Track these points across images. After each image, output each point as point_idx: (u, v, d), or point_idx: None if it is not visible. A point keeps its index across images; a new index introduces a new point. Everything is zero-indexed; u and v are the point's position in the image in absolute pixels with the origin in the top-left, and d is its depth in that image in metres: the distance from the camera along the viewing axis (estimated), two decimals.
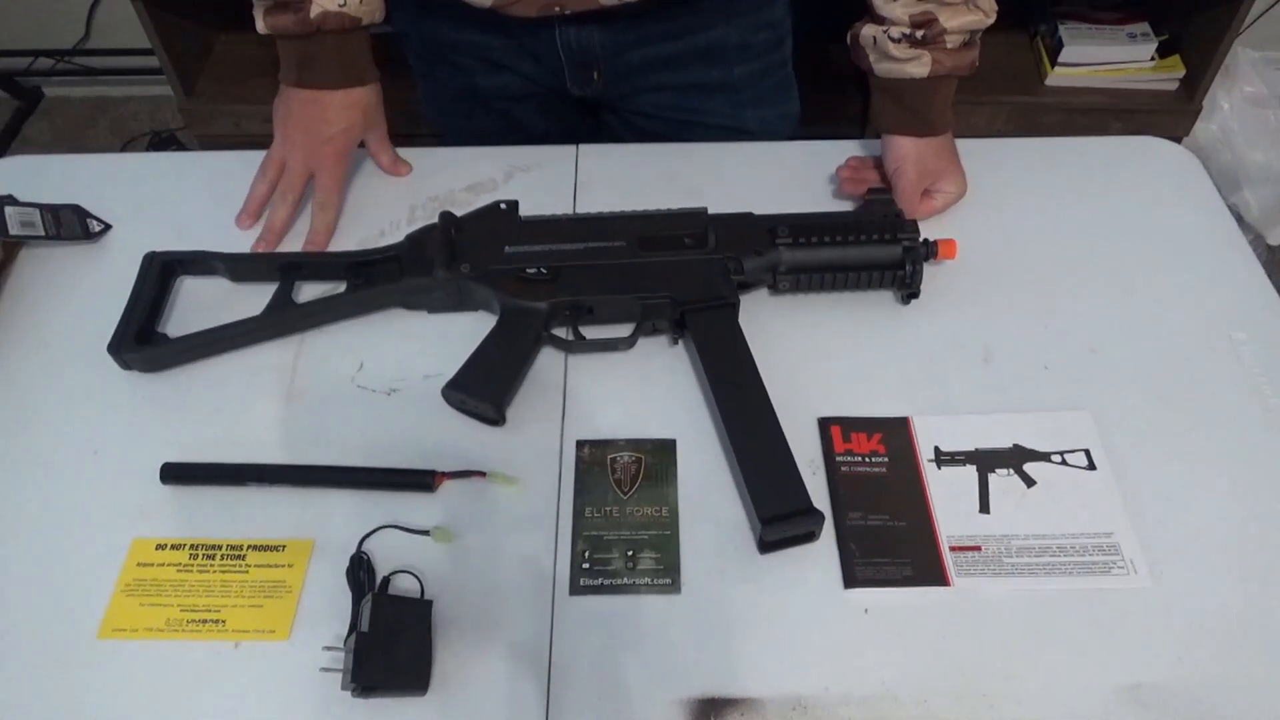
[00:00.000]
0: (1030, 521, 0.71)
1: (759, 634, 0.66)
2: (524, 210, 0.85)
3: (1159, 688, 0.63)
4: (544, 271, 0.81)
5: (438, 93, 1.11)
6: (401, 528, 0.71)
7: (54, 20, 2.23)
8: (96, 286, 0.87)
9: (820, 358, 0.81)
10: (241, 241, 0.89)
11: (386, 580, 0.68)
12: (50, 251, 0.90)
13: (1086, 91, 1.84)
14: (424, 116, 1.14)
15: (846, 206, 0.93)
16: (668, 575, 0.69)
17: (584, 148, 0.99)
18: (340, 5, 0.85)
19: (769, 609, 0.67)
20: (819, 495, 0.72)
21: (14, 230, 0.87)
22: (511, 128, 1.08)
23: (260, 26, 0.87)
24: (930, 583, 0.68)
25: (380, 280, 0.83)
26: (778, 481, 0.70)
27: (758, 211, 0.85)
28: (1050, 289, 0.86)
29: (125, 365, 0.80)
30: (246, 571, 0.69)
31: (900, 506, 0.72)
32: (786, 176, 0.95)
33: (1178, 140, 1.01)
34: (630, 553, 0.70)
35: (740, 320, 0.79)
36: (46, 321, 0.85)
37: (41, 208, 0.89)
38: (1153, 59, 1.81)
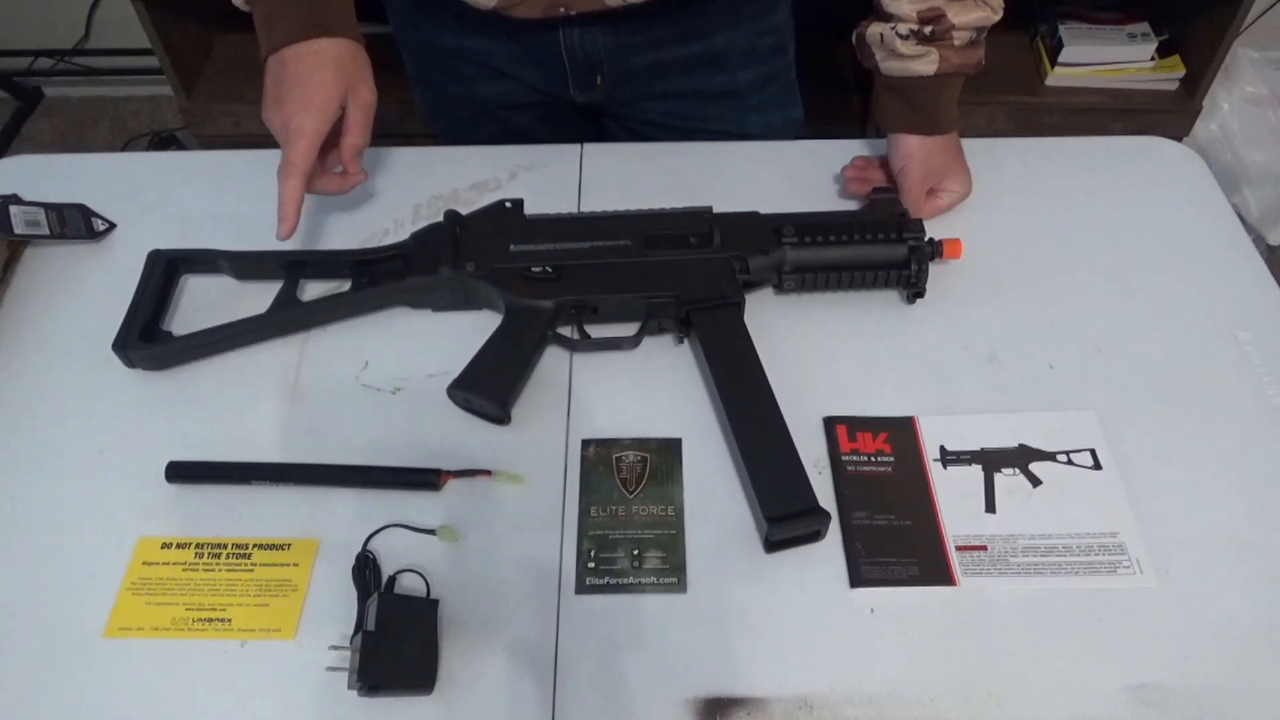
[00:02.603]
0: (1036, 521, 0.71)
1: (765, 633, 0.66)
2: (529, 209, 0.85)
3: (1164, 687, 0.63)
4: (549, 270, 0.81)
5: (435, 100, 1.10)
6: (407, 527, 0.71)
7: (54, 20, 2.23)
8: (101, 285, 0.87)
9: (825, 357, 0.81)
10: (246, 240, 0.88)
11: (392, 579, 0.68)
12: (55, 250, 0.90)
13: (1086, 91, 1.84)
14: (426, 116, 1.14)
15: (851, 206, 0.93)
16: (673, 574, 0.69)
17: (588, 147, 0.99)
18: None
19: (775, 608, 0.67)
20: (825, 495, 0.71)
21: (19, 229, 0.87)
22: (511, 136, 1.06)
23: (239, 2, 0.81)
24: (936, 582, 0.68)
25: (385, 279, 0.83)
26: (783, 481, 0.70)
27: (763, 211, 0.85)
28: (1055, 288, 0.86)
29: (130, 363, 0.80)
30: (252, 570, 0.69)
31: (906, 506, 0.72)
32: (791, 176, 0.95)
33: (1177, 140, 1.01)
34: (636, 552, 0.70)
35: (745, 320, 0.79)
36: (51, 320, 0.85)
37: (46, 207, 0.89)
38: (1153, 59, 1.81)
